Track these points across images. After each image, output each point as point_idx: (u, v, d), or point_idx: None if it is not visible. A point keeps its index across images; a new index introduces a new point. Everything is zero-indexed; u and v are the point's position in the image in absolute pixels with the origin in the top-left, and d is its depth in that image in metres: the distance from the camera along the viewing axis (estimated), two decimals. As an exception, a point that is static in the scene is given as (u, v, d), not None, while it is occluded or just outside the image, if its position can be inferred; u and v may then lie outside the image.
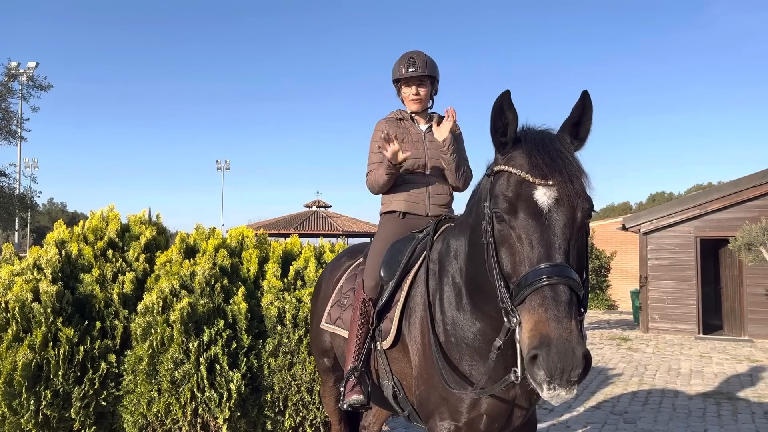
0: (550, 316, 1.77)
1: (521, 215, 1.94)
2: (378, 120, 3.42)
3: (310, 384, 4.70)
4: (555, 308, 1.77)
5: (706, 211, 13.81)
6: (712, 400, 7.29)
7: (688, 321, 13.90)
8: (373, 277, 3.07)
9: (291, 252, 5.62)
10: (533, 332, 1.78)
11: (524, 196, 1.95)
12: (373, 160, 3.34)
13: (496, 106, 2.02)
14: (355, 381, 3.03)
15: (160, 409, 4.38)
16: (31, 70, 26.86)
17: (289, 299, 4.89)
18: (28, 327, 4.39)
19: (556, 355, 1.71)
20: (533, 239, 1.90)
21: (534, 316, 1.80)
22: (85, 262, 4.90)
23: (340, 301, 3.50)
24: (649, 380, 8.53)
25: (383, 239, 3.21)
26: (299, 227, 28.46)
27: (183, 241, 5.29)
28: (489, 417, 2.51)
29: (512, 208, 1.96)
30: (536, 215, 1.92)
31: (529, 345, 1.78)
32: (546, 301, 1.79)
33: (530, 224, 1.92)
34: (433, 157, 3.30)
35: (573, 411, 6.72)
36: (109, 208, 5.50)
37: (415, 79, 3.27)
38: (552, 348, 1.72)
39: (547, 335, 1.74)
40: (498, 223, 2.01)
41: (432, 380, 2.60)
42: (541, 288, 1.82)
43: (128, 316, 4.66)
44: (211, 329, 4.53)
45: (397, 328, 2.82)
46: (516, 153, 2.05)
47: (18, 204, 25.01)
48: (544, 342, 1.74)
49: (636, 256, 14.81)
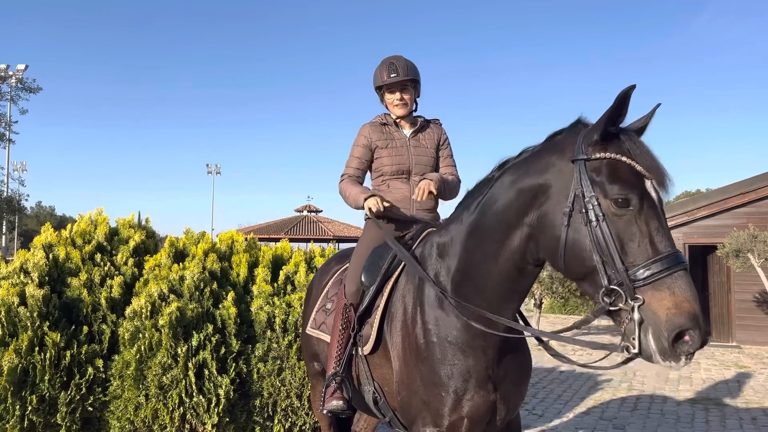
0: (690, 296, 1.94)
1: (645, 204, 2.07)
2: (362, 124, 3.42)
3: (300, 389, 4.68)
4: (691, 290, 1.95)
5: (695, 218, 13.90)
6: (701, 406, 7.33)
7: (677, 327, 13.94)
8: (354, 282, 3.06)
9: (281, 257, 5.60)
10: (676, 310, 1.92)
11: (641, 186, 2.08)
12: (350, 164, 3.36)
13: (622, 96, 2.09)
14: (336, 386, 3.03)
15: (147, 415, 4.34)
16: (20, 73, 26.69)
17: (278, 304, 4.86)
18: (14, 331, 4.34)
19: (703, 329, 1.92)
20: (656, 227, 2.05)
21: (674, 296, 1.94)
22: (73, 266, 4.86)
23: (325, 306, 3.49)
24: (638, 386, 8.56)
25: (365, 244, 3.21)
26: (290, 232, 28.40)
27: (172, 245, 5.26)
28: (470, 420, 2.51)
29: (633, 195, 2.06)
30: (654, 207, 2.08)
31: (672, 322, 1.92)
32: (689, 284, 1.96)
33: (653, 214, 2.07)
34: (418, 163, 3.31)
35: (562, 417, 6.72)
36: (97, 211, 5.46)
37: (398, 84, 3.26)
38: (699, 324, 1.91)
39: (694, 313, 1.92)
40: (617, 208, 2.07)
41: (413, 385, 2.61)
42: (680, 272, 1.97)
43: (116, 321, 4.61)
44: (200, 334, 4.50)
45: (377, 334, 2.82)
46: (624, 146, 2.13)
47: (5, 207, 24.82)
48: (694, 319, 1.91)
49: (625, 263, 14.88)
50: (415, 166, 3.30)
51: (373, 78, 3.37)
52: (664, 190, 2.11)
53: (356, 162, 3.35)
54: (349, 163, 3.38)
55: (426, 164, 3.33)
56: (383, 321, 2.83)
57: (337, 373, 3.01)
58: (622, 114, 2.13)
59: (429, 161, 3.35)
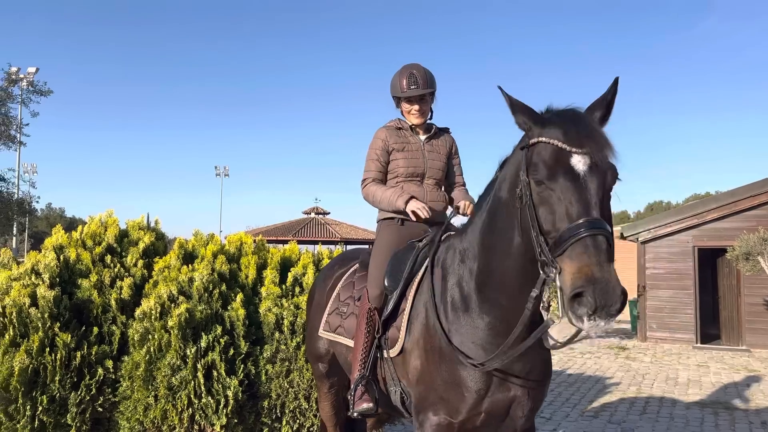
0: (593, 261, 1.98)
1: (560, 179, 2.14)
2: (378, 128, 3.45)
3: (308, 391, 4.69)
4: (597, 255, 1.99)
5: (704, 221, 13.83)
6: (710, 410, 7.29)
7: (686, 330, 13.88)
8: (377, 286, 3.14)
9: (289, 258, 5.62)
10: (577, 274, 1.99)
11: (562, 162, 2.15)
12: (371, 167, 3.41)
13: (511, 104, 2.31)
14: (364, 389, 3.09)
15: (156, 416, 4.37)
16: (31, 76, 26.91)
17: (287, 306, 4.88)
18: (25, 332, 4.38)
19: (600, 291, 1.93)
20: (573, 199, 2.11)
21: (577, 262, 2.01)
22: (83, 268, 4.90)
23: (338, 309, 3.53)
24: (647, 389, 8.52)
25: (384, 247, 3.28)
26: (298, 234, 28.47)
27: (181, 247, 5.29)
28: (488, 415, 2.63)
29: (552, 172, 2.15)
30: (574, 178, 2.13)
31: (573, 285, 1.98)
32: (588, 249, 2.01)
33: (569, 186, 2.13)
34: (432, 167, 3.39)
35: (570, 420, 6.71)
36: (107, 213, 5.50)
37: (417, 96, 3.30)
38: (597, 286, 1.94)
39: (591, 275, 1.96)
40: (537, 186, 2.19)
41: (434, 383, 2.70)
42: (583, 238, 2.03)
43: (126, 322, 4.65)
44: (209, 335, 4.53)
45: (404, 336, 2.90)
46: (550, 126, 2.23)
47: (17, 209, 25.02)
48: (590, 281, 1.95)
49: (634, 265, 14.79)
50: (429, 170, 3.38)
51: (390, 85, 3.39)
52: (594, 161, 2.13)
53: (376, 165, 3.40)
54: (368, 167, 3.42)
55: (439, 168, 3.42)
56: (410, 324, 2.91)
57: (363, 375, 3.09)
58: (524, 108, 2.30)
59: (442, 166, 3.44)
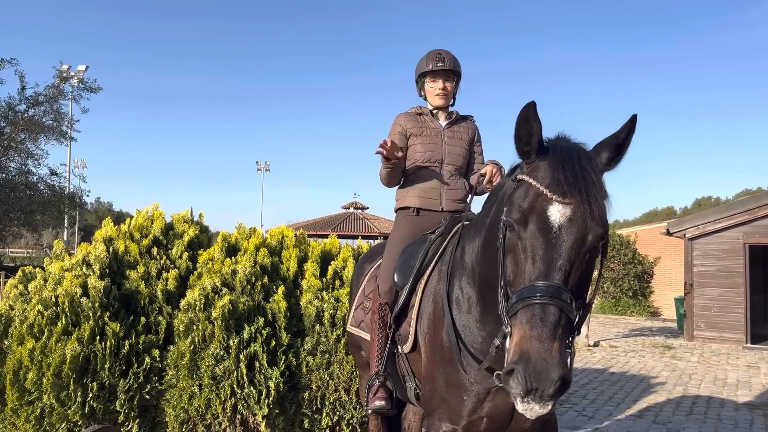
0: (533, 334, 1.78)
1: (531, 228, 1.93)
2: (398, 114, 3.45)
3: (348, 383, 4.72)
4: (540, 327, 1.79)
5: (756, 217, 13.34)
6: (760, 412, 7.04)
7: (736, 330, 13.45)
8: (387, 281, 3.10)
9: (330, 252, 5.66)
10: (516, 347, 1.81)
11: (538, 209, 1.93)
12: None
13: (522, 116, 1.99)
14: (378, 386, 3.07)
15: (201, 404, 4.47)
16: (81, 73, 27.72)
17: (327, 299, 4.93)
18: (76, 321, 4.54)
19: (532, 373, 1.74)
20: (537, 255, 1.90)
21: (520, 331, 1.83)
22: (131, 259, 5.04)
23: (363, 303, 3.54)
24: (694, 390, 8.29)
25: (396, 241, 3.25)
26: (337, 228, 28.62)
27: (225, 240, 5.39)
28: (490, 419, 2.50)
29: (524, 219, 1.95)
30: (545, 231, 1.91)
31: (510, 359, 1.82)
32: (534, 318, 1.81)
33: (538, 240, 1.91)
34: (451, 153, 3.34)
35: (613, 419, 6.58)
36: (153, 206, 5.64)
37: (442, 73, 3.30)
38: (529, 365, 1.75)
39: (526, 352, 1.77)
40: (509, 232, 2.01)
41: (436, 383, 2.63)
42: (531, 305, 1.83)
43: (171, 312, 4.77)
44: (251, 327, 4.60)
45: (414, 332, 2.85)
46: (541, 164, 2.00)
47: (68, 203, 25.88)
48: (523, 358, 1.76)
49: (680, 262, 14.40)
50: (448, 156, 3.33)
51: (416, 67, 3.41)
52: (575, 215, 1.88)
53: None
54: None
55: (459, 155, 3.37)
56: (418, 319, 2.86)
57: (379, 372, 3.07)
58: (531, 133, 1.99)
59: (462, 152, 3.39)
